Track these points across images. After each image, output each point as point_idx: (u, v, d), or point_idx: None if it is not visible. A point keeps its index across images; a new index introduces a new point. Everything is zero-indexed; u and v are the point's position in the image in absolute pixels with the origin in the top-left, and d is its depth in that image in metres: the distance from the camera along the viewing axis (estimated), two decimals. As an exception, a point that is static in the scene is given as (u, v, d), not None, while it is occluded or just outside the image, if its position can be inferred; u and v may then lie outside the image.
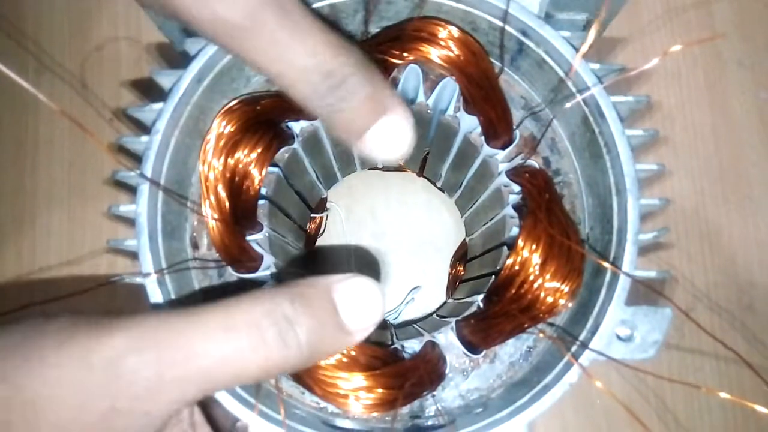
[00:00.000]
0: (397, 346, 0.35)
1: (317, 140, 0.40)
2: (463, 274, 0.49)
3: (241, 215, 0.34)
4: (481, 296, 0.35)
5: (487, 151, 0.37)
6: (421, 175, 0.52)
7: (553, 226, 0.32)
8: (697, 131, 0.53)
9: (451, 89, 0.36)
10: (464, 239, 0.51)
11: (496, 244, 0.40)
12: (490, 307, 0.34)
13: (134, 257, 0.32)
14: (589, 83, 0.32)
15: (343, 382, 0.31)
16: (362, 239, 0.52)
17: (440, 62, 0.34)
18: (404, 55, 0.34)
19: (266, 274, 0.36)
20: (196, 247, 0.36)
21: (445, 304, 0.50)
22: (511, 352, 0.35)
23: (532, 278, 0.32)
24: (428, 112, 0.38)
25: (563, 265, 0.32)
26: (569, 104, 0.33)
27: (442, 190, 0.51)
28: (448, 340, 0.35)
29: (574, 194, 0.37)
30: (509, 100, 0.36)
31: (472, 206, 0.46)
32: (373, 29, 0.36)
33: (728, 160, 0.53)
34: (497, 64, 0.36)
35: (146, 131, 0.32)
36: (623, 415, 0.34)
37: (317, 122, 0.37)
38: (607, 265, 0.32)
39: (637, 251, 0.31)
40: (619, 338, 0.31)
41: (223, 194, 0.33)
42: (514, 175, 0.36)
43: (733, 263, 0.51)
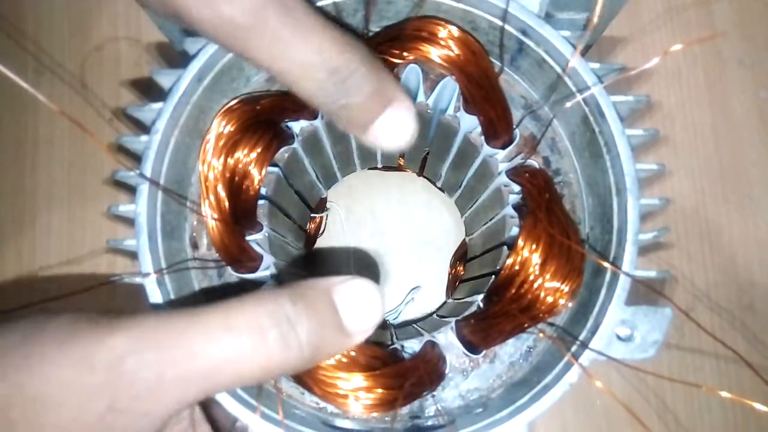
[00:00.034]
0: (396, 346, 0.35)
1: (317, 140, 0.40)
2: (463, 273, 0.49)
3: (240, 215, 0.34)
4: (481, 296, 0.35)
5: (487, 150, 0.37)
6: (421, 174, 0.52)
7: (553, 225, 0.32)
8: (697, 131, 0.53)
9: (451, 89, 0.36)
10: (464, 239, 0.51)
11: (496, 243, 0.40)
12: (490, 307, 0.34)
13: (134, 257, 0.32)
14: (589, 83, 0.32)
15: (342, 382, 0.31)
16: (362, 239, 0.52)
17: (440, 62, 0.34)
18: (404, 54, 0.34)
19: (266, 274, 0.36)
20: (195, 247, 0.36)
21: (444, 304, 0.50)
22: (511, 352, 0.35)
23: (532, 278, 0.32)
24: (428, 111, 0.38)
25: (563, 264, 0.32)
26: (569, 104, 0.33)
27: (442, 189, 0.51)
28: (447, 340, 0.35)
29: (574, 194, 0.37)
30: (509, 99, 0.36)
31: (472, 206, 0.46)
32: (373, 29, 0.36)
33: (728, 159, 0.53)
34: (497, 63, 0.36)
35: (146, 131, 0.32)
36: (623, 415, 0.34)
37: (317, 122, 0.37)
38: (607, 264, 0.32)
39: (637, 251, 0.31)
40: (619, 338, 0.31)
41: (222, 194, 0.33)
42: (514, 174, 0.36)
43: (733, 263, 0.51)
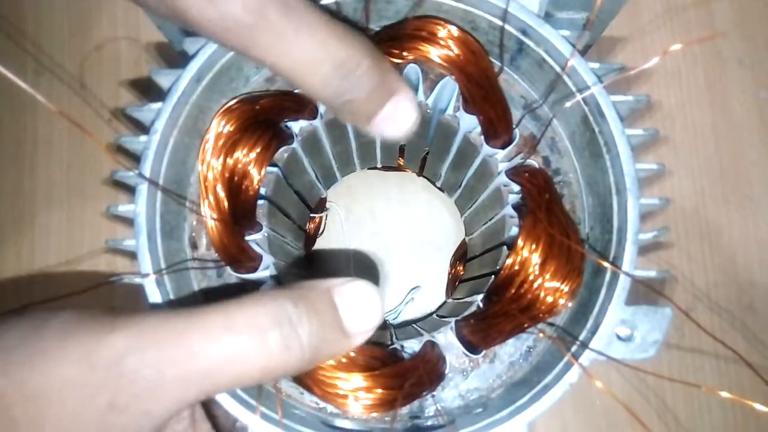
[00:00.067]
0: (396, 346, 0.35)
1: (316, 140, 0.40)
2: (462, 273, 0.49)
3: (240, 215, 0.34)
4: (480, 296, 0.35)
5: (486, 150, 0.37)
6: (420, 174, 0.52)
7: (552, 225, 0.32)
8: (697, 130, 0.53)
9: (450, 88, 0.36)
10: (464, 239, 0.51)
11: (495, 243, 0.40)
12: (489, 306, 0.34)
13: (133, 257, 0.32)
14: (589, 82, 0.32)
15: (342, 382, 0.31)
16: (362, 239, 0.51)
17: (440, 61, 0.34)
18: (404, 54, 0.34)
19: (265, 274, 0.36)
20: (195, 247, 0.36)
21: (444, 303, 0.50)
22: (510, 352, 0.35)
23: (531, 278, 0.32)
24: (428, 111, 0.38)
25: (563, 264, 0.32)
26: (569, 103, 0.33)
27: (441, 189, 0.51)
28: (447, 340, 0.35)
29: (573, 194, 0.37)
30: (509, 99, 0.36)
31: (471, 206, 0.46)
32: (373, 28, 0.36)
33: (728, 159, 0.53)
34: (497, 63, 0.36)
35: (145, 131, 0.32)
36: (623, 414, 0.34)
37: (316, 122, 0.37)
38: (607, 264, 0.32)
39: (637, 251, 0.31)
40: (619, 338, 0.31)
41: (222, 194, 0.33)
42: (513, 174, 0.36)
43: (733, 263, 0.51)
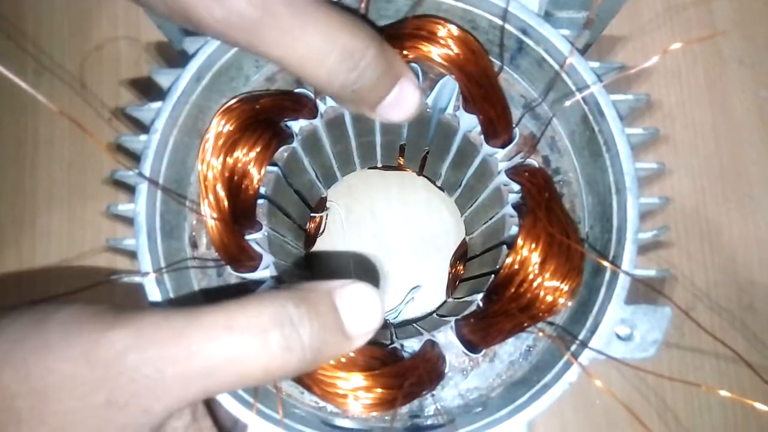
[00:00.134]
0: (396, 345, 0.35)
1: (316, 139, 0.40)
2: (462, 273, 0.49)
3: (240, 214, 0.34)
4: (480, 295, 0.35)
5: (486, 149, 0.37)
6: (420, 174, 0.52)
7: (552, 225, 0.32)
8: (697, 130, 0.53)
9: (450, 88, 0.36)
10: (464, 238, 0.51)
11: (495, 243, 0.40)
12: (489, 306, 0.34)
13: (133, 256, 0.32)
14: (588, 81, 0.32)
15: (342, 381, 0.31)
16: (362, 239, 0.51)
17: (440, 61, 0.34)
18: (404, 53, 0.34)
19: (265, 273, 0.36)
20: (195, 246, 0.36)
21: (444, 303, 0.50)
22: (510, 351, 0.35)
23: (531, 277, 0.32)
24: (428, 110, 0.38)
25: (563, 264, 0.32)
26: (569, 102, 0.33)
27: (441, 189, 0.51)
28: (447, 339, 0.35)
29: (573, 193, 0.37)
30: (509, 98, 0.36)
31: (471, 205, 0.46)
32: (372, 28, 0.36)
33: (728, 158, 0.53)
34: (497, 62, 0.36)
35: (145, 130, 0.32)
36: (623, 414, 0.35)
37: (316, 121, 0.37)
38: (606, 263, 0.32)
39: (636, 250, 0.31)
40: (618, 337, 0.31)
41: (222, 193, 0.33)
42: (513, 173, 0.36)
43: (733, 262, 0.51)
